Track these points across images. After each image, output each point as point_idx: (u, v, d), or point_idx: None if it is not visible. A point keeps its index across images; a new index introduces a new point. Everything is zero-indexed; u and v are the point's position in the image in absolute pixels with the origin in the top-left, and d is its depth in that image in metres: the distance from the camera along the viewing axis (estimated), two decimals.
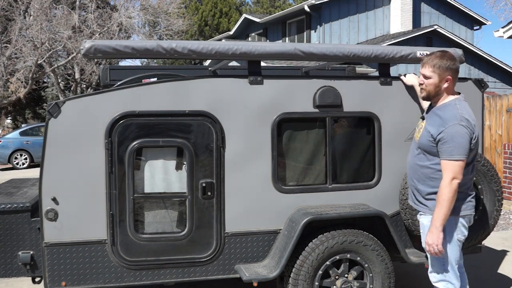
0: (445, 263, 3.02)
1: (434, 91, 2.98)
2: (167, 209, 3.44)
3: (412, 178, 3.12)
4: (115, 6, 22.21)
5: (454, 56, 2.99)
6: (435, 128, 2.90)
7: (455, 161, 2.83)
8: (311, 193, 3.61)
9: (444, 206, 2.84)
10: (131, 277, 3.36)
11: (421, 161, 3.03)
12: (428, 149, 2.96)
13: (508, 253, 5.54)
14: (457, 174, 2.84)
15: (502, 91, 18.31)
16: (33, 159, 15.70)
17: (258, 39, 22.85)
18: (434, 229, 2.88)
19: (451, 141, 2.83)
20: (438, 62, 2.91)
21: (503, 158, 7.90)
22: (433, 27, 18.53)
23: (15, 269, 3.41)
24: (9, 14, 18.48)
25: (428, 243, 2.92)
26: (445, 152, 2.85)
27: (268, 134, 3.50)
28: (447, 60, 2.92)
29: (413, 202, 3.19)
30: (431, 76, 2.95)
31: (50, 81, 26.85)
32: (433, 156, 2.96)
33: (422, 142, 3.00)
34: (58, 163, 3.20)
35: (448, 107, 2.95)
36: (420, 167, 3.04)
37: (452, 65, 2.93)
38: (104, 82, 4.66)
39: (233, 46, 3.43)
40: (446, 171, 2.86)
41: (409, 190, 3.23)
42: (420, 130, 3.05)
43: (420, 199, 3.08)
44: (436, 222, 2.87)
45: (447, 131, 2.84)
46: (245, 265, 3.49)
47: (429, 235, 2.92)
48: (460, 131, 2.83)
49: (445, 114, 2.91)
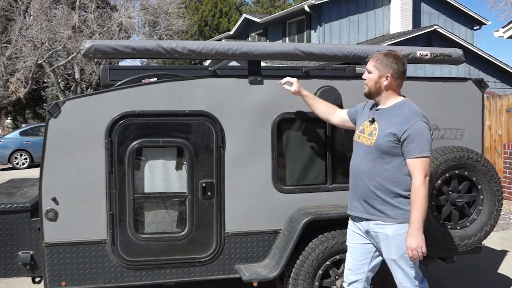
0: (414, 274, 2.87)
1: (373, 87, 2.86)
2: (167, 209, 3.44)
3: (368, 186, 2.85)
4: (115, 6, 22.20)
5: (400, 57, 2.86)
6: (397, 127, 2.74)
7: (425, 157, 2.71)
8: (311, 193, 3.61)
9: (421, 206, 2.68)
10: (131, 277, 3.36)
11: (379, 165, 2.81)
12: (388, 150, 2.77)
13: (508, 253, 5.54)
14: (428, 171, 2.73)
15: (502, 91, 18.31)
16: (33, 159, 15.69)
17: (258, 39, 22.84)
18: (416, 231, 2.68)
19: (419, 137, 2.70)
20: (381, 58, 2.84)
21: (503, 158, 7.90)
22: (433, 27, 18.53)
23: (15, 269, 3.41)
24: (9, 14, 18.48)
25: (412, 247, 2.69)
26: (414, 150, 2.71)
27: (268, 134, 3.50)
28: (390, 58, 2.83)
29: (367, 212, 2.89)
30: (371, 70, 2.86)
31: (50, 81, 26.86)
32: (394, 158, 2.78)
33: (380, 144, 2.78)
34: (58, 163, 3.20)
35: (404, 105, 2.83)
36: (379, 172, 2.81)
37: (394, 64, 2.81)
38: (104, 82, 4.66)
39: (233, 46, 3.43)
40: (417, 168, 2.71)
41: (356, 200, 2.94)
42: (374, 134, 2.84)
43: (380, 207, 2.83)
44: (417, 223, 2.68)
45: (413, 128, 2.71)
46: (245, 265, 3.49)
47: (411, 239, 2.69)
48: (424, 126, 2.73)
49: (403, 112, 2.78)
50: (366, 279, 3.04)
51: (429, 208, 3.50)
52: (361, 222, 2.97)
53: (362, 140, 2.91)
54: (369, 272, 3.04)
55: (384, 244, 2.86)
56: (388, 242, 2.84)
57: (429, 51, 3.76)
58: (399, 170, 2.78)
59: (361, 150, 2.91)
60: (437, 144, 3.77)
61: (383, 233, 2.85)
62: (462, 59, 3.91)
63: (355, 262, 3.03)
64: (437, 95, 3.83)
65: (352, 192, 3.00)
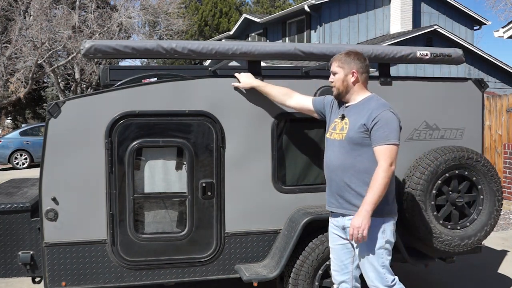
0: (386, 271, 2.87)
1: (342, 86, 2.92)
2: (167, 209, 3.44)
3: (342, 180, 2.87)
4: (115, 6, 22.20)
5: (360, 53, 2.96)
6: (365, 118, 2.80)
7: (391, 145, 2.73)
8: (311, 193, 3.61)
9: (378, 190, 2.68)
10: (131, 277, 3.36)
11: (352, 158, 2.84)
12: (359, 141, 2.81)
13: (508, 253, 5.54)
14: (394, 159, 2.73)
15: (502, 91, 18.30)
16: (33, 159, 15.70)
17: (258, 39, 22.84)
18: (365, 212, 2.68)
19: (385, 125, 2.74)
20: (343, 57, 2.92)
21: (503, 158, 7.90)
22: (433, 27, 18.52)
23: (15, 269, 3.41)
24: (9, 14, 18.48)
25: (355, 226, 2.68)
26: (380, 138, 2.74)
27: (268, 134, 3.50)
28: (351, 56, 2.92)
29: (341, 207, 2.92)
30: (337, 71, 2.93)
31: (50, 81, 26.85)
32: (366, 148, 2.81)
33: (351, 136, 2.83)
34: (58, 163, 3.20)
35: (372, 99, 2.90)
36: (352, 164, 2.84)
37: (356, 60, 2.90)
38: (104, 82, 4.66)
39: (233, 46, 3.43)
40: (383, 155, 2.72)
41: (332, 195, 2.97)
42: (345, 128, 2.89)
43: (354, 201, 2.84)
44: (368, 205, 2.68)
45: (380, 116, 2.76)
46: (245, 265, 3.49)
47: (357, 218, 2.69)
48: (392, 116, 2.78)
49: (371, 104, 2.85)
50: (353, 278, 3.07)
51: (429, 208, 3.52)
52: (337, 218, 3.00)
53: (334, 137, 2.97)
54: (355, 270, 3.06)
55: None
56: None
57: (429, 51, 3.76)
58: (372, 161, 2.80)
59: (334, 145, 2.95)
60: (437, 144, 3.78)
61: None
62: (462, 59, 3.91)
63: (339, 263, 3.07)
64: (437, 95, 3.82)
65: (328, 188, 3.04)
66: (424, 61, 3.79)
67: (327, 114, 3.15)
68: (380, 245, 2.85)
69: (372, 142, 2.79)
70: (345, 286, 3.08)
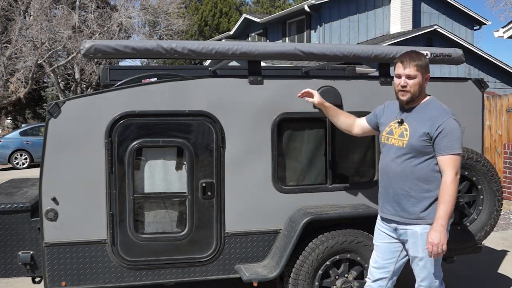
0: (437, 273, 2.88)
1: (418, 91, 2.82)
2: (167, 209, 3.44)
3: (402, 187, 2.85)
4: (115, 6, 22.20)
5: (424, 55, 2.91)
6: (428, 127, 2.76)
7: (456, 155, 2.72)
8: (311, 193, 3.61)
9: (449, 202, 2.68)
10: (131, 277, 3.36)
11: (412, 165, 2.82)
12: (422, 149, 2.79)
13: (508, 253, 5.54)
14: (458, 169, 2.73)
15: (502, 91, 18.29)
16: (33, 159, 15.69)
17: (258, 39, 22.84)
18: (440, 227, 2.68)
19: (450, 135, 2.72)
20: (420, 60, 2.81)
21: (503, 158, 7.90)
22: (433, 27, 18.52)
23: (15, 269, 3.41)
24: (9, 14, 18.48)
25: (434, 242, 2.67)
26: (445, 147, 2.72)
27: (268, 134, 3.50)
28: (425, 58, 2.84)
29: (398, 215, 2.89)
30: (415, 75, 2.79)
31: (50, 81, 26.85)
32: (426, 156, 2.80)
33: (413, 144, 2.79)
34: (58, 163, 3.20)
35: (431, 104, 2.86)
36: (413, 171, 2.82)
37: (427, 62, 2.86)
38: (104, 82, 4.66)
39: (233, 46, 3.43)
40: (448, 166, 2.71)
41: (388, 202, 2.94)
42: (405, 134, 2.84)
43: (412, 209, 2.83)
44: (442, 219, 2.68)
45: (444, 125, 2.73)
46: (245, 265, 3.49)
47: (434, 234, 2.68)
48: (455, 124, 2.76)
49: (432, 111, 2.81)
50: (391, 279, 3.05)
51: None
52: (390, 224, 2.98)
53: (392, 142, 2.91)
54: (395, 272, 3.04)
55: (412, 241, 2.86)
56: (416, 239, 2.83)
57: (429, 51, 3.75)
58: (431, 168, 2.80)
59: (392, 151, 2.90)
60: None
61: (412, 230, 2.85)
62: (462, 59, 3.91)
63: (382, 261, 3.04)
64: (437, 95, 3.81)
65: (383, 194, 2.99)
66: None
67: (379, 120, 3.08)
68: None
69: (436, 151, 2.77)
70: (381, 284, 3.06)
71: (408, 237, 2.89)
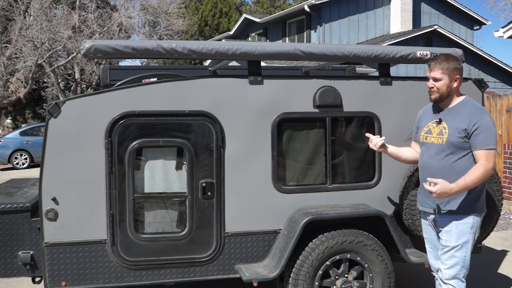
0: (465, 264, 3.04)
1: (446, 91, 3.03)
2: (167, 209, 3.44)
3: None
4: (115, 6, 22.20)
5: (458, 58, 3.12)
6: (465, 123, 2.95)
7: (492, 150, 2.91)
8: (311, 193, 3.61)
9: (472, 181, 2.85)
10: (131, 277, 3.36)
11: (452, 161, 3.00)
12: (460, 145, 2.97)
13: (508, 253, 5.54)
14: (494, 163, 2.91)
15: (502, 91, 18.30)
16: (33, 159, 15.69)
17: (258, 39, 22.84)
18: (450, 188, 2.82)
19: (486, 131, 2.91)
20: (447, 64, 3.01)
21: (503, 158, 7.90)
22: (433, 27, 18.53)
23: (15, 269, 3.41)
24: (9, 14, 18.48)
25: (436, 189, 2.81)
26: (481, 143, 2.90)
27: (268, 134, 3.50)
28: (453, 61, 3.03)
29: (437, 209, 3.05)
30: (441, 78, 3.01)
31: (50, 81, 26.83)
32: (464, 151, 2.97)
33: (452, 141, 2.98)
34: (58, 163, 3.20)
35: (468, 103, 3.04)
36: (452, 166, 2.99)
37: (458, 65, 3.04)
38: (104, 82, 4.66)
39: (233, 46, 3.43)
40: (485, 158, 2.89)
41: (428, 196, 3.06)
42: (444, 132, 3.02)
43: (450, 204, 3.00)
44: (457, 187, 2.84)
45: (481, 122, 2.92)
46: (245, 265, 3.49)
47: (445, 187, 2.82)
48: (491, 121, 2.95)
49: (468, 109, 3.00)
50: None
51: None
52: (429, 216, 3.16)
53: (431, 140, 3.10)
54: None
55: (446, 229, 3.04)
56: (451, 228, 3.02)
57: (429, 51, 3.76)
58: (470, 163, 2.97)
59: (432, 149, 3.08)
60: None
61: (448, 219, 3.03)
62: (462, 59, 3.91)
63: (436, 252, 3.20)
64: None
65: (423, 189, 3.11)
66: (424, 61, 3.79)
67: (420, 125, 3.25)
68: (467, 239, 3.01)
69: (472, 146, 2.95)
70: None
71: (443, 225, 3.06)
